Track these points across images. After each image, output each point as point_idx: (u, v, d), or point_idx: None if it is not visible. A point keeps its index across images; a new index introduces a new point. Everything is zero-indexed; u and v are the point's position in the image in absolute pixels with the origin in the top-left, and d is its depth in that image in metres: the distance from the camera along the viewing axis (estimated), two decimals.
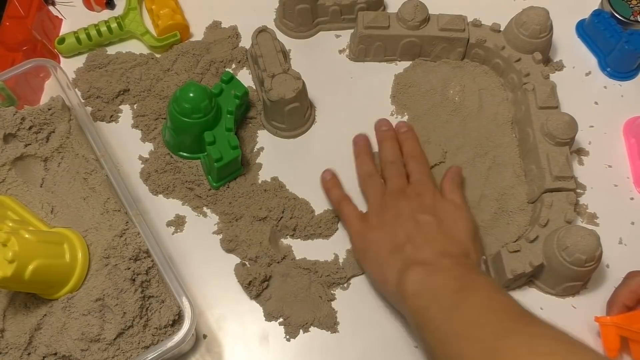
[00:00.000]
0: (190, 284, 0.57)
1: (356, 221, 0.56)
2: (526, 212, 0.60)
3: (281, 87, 0.60)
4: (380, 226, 0.54)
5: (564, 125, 0.59)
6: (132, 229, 0.52)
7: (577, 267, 0.52)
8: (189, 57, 0.68)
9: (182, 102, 0.57)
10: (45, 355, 0.48)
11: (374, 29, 0.66)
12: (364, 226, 0.55)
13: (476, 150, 0.64)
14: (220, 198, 0.60)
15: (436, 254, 0.50)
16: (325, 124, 0.66)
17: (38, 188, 0.56)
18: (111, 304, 0.48)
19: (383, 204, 0.56)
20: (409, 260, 0.50)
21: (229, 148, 0.58)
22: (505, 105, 0.66)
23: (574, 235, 0.52)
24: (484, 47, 0.67)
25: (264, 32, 0.64)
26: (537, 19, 0.64)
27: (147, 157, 0.63)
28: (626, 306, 0.53)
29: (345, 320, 0.56)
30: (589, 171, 0.64)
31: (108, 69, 0.67)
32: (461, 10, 0.67)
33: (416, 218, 0.53)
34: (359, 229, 0.56)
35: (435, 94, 0.67)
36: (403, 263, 0.50)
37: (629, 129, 0.66)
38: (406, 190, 0.56)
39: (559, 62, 0.70)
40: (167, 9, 0.68)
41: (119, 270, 0.49)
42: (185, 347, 0.53)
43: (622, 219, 0.61)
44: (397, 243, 0.52)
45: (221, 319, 0.56)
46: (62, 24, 0.72)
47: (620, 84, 0.69)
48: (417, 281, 0.48)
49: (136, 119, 0.65)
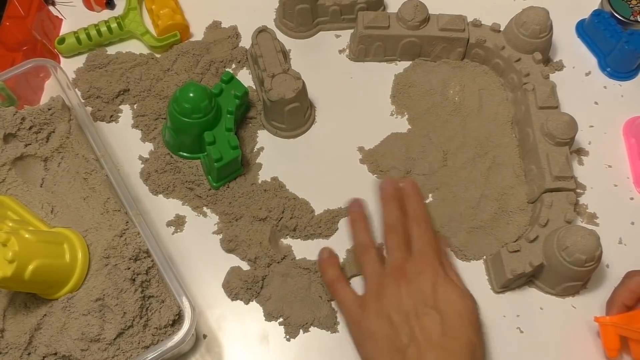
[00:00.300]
0: (190, 284, 0.57)
1: (352, 306, 0.52)
2: (526, 212, 0.60)
3: (281, 87, 0.60)
4: (378, 315, 0.50)
5: (564, 125, 0.59)
6: (132, 229, 0.52)
7: (577, 267, 0.52)
8: (189, 57, 0.68)
9: (182, 102, 0.57)
10: (45, 355, 0.48)
11: (374, 29, 0.66)
12: (361, 314, 0.51)
13: (476, 150, 0.64)
14: (220, 198, 0.60)
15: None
16: (325, 124, 0.66)
17: (38, 188, 0.56)
18: (111, 304, 0.48)
19: (381, 286, 0.51)
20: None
21: (229, 148, 0.58)
22: (505, 105, 0.66)
23: (574, 235, 0.52)
24: (484, 47, 0.67)
25: (264, 32, 0.64)
26: (537, 19, 0.64)
27: (147, 157, 0.63)
28: (625, 306, 0.53)
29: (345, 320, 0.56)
30: (589, 171, 0.64)
31: (108, 69, 0.67)
32: (461, 10, 0.67)
33: (418, 313, 0.49)
34: (356, 316, 0.52)
35: (435, 94, 0.67)
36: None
37: (629, 129, 0.66)
38: (406, 268, 0.51)
39: (559, 62, 0.70)
40: (167, 9, 0.68)
41: (119, 270, 0.49)
42: (185, 347, 0.53)
43: (622, 219, 0.61)
44: (399, 345, 0.48)
45: (221, 319, 0.56)
46: (62, 24, 0.72)
47: (620, 84, 0.70)
48: None
49: (136, 119, 0.65)
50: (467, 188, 0.61)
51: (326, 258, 0.56)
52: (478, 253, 0.59)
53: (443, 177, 0.62)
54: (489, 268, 0.58)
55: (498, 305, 0.57)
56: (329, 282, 0.55)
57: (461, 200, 0.61)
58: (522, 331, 0.55)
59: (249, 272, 0.56)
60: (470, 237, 0.59)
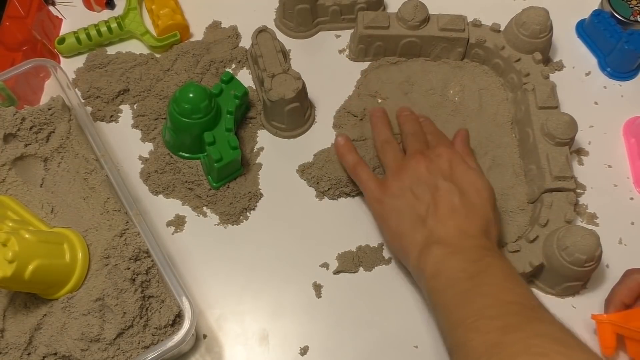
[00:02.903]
0: (190, 284, 0.57)
1: (374, 186, 0.55)
2: (526, 212, 0.60)
3: (281, 87, 0.60)
4: (399, 192, 0.53)
5: (564, 125, 0.59)
6: (132, 229, 0.52)
7: (576, 267, 0.52)
8: (189, 57, 0.68)
9: (182, 102, 0.57)
10: (45, 355, 0.48)
11: (374, 29, 0.66)
12: (382, 192, 0.54)
13: (476, 150, 0.63)
14: (220, 198, 0.60)
15: (458, 232, 0.50)
16: (325, 124, 0.66)
17: (38, 188, 0.56)
18: (111, 304, 0.48)
19: (402, 167, 0.54)
20: (431, 237, 0.50)
21: (228, 148, 0.58)
22: (505, 105, 0.66)
23: (574, 235, 0.52)
24: (484, 47, 0.67)
25: (264, 32, 0.64)
26: (537, 19, 0.64)
27: (147, 157, 0.63)
28: (624, 304, 0.53)
29: (345, 320, 0.56)
30: (589, 171, 0.64)
31: (108, 69, 0.67)
32: (461, 10, 0.67)
33: (437, 184, 0.52)
34: (378, 195, 0.54)
35: (435, 94, 0.67)
36: (424, 239, 0.50)
37: (628, 129, 0.66)
38: (425, 152, 0.55)
39: (559, 62, 0.70)
40: (167, 9, 0.68)
41: (119, 270, 0.49)
42: (185, 347, 0.53)
43: (622, 219, 0.61)
44: (418, 214, 0.51)
45: (221, 319, 0.56)
46: (62, 24, 0.72)
47: (620, 84, 0.70)
48: (437, 262, 0.49)
49: (136, 119, 0.65)
50: None
51: (344, 144, 0.59)
52: None
53: None
54: None
55: None
56: (350, 166, 0.58)
57: None
58: None
59: None
60: None
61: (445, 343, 0.48)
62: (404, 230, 0.52)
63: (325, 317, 0.56)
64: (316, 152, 0.63)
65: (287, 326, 0.56)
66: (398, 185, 0.53)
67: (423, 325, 0.55)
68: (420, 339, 0.55)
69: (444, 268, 0.48)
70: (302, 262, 0.58)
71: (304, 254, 0.59)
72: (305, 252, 0.59)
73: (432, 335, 0.55)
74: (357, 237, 0.59)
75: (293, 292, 0.57)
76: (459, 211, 0.51)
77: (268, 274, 0.58)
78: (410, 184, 0.53)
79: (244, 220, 0.60)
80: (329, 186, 0.60)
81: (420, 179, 0.53)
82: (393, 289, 0.57)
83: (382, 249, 0.59)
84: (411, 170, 0.54)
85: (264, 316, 0.56)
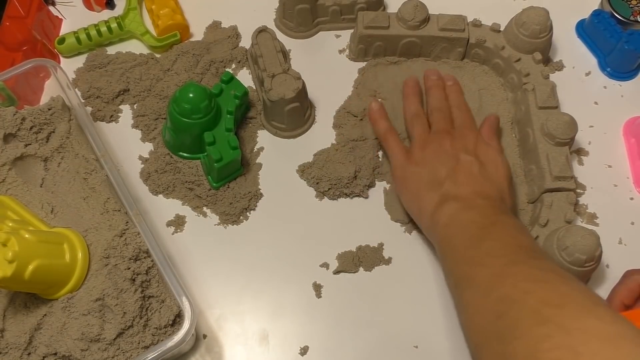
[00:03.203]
0: (190, 284, 0.57)
1: (400, 153, 0.58)
2: (526, 212, 0.60)
3: (281, 87, 0.60)
4: (422, 161, 0.56)
5: (564, 125, 0.59)
6: (132, 229, 0.52)
7: (576, 267, 0.52)
8: (189, 57, 0.68)
9: (182, 102, 0.57)
10: (45, 355, 0.48)
11: (374, 29, 0.66)
12: (406, 158, 0.57)
13: None
14: (220, 198, 0.60)
15: (473, 193, 0.52)
16: (325, 124, 0.66)
17: (38, 188, 0.56)
18: (111, 304, 0.48)
19: (427, 140, 0.58)
20: (447, 195, 0.53)
21: (228, 148, 0.58)
22: (505, 105, 0.66)
23: (574, 235, 0.52)
24: (484, 47, 0.67)
25: (264, 32, 0.64)
26: (537, 19, 0.64)
27: (147, 157, 0.63)
28: (624, 305, 0.53)
29: (345, 320, 0.56)
30: (589, 171, 0.64)
31: (108, 69, 0.67)
32: (461, 10, 0.67)
33: (458, 157, 0.55)
34: (402, 160, 0.58)
35: None
36: (440, 197, 0.53)
37: (629, 129, 0.66)
38: (451, 131, 0.58)
39: (559, 62, 0.70)
40: (167, 9, 0.68)
41: (119, 270, 0.49)
42: (185, 347, 0.53)
43: (622, 219, 0.61)
44: (437, 178, 0.54)
45: (221, 319, 0.56)
46: (62, 24, 0.72)
47: (620, 84, 0.69)
48: (450, 214, 0.51)
49: (136, 119, 0.65)
50: None
51: (377, 110, 0.62)
52: None
53: None
54: None
55: None
56: (381, 133, 0.61)
57: None
58: None
59: None
60: None
61: (449, 281, 0.50)
62: (422, 190, 0.55)
63: (325, 317, 0.56)
64: (316, 152, 0.63)
65: (287, 326, 0.56)
66: (422, 155, 0.57)
67: (423, 325, 0.55)
68: (420, 339, 0.55)
69: (457, 218, 0.51)
70: (302, 262, 0.58)
71: (304, 254, 0.59)
72: (305, 252, 0.59)
73: (432, 335, 0.55)
74: (357, 237, 0.59)
75: (293, 292, 0.57)
76: (477, 178, 0.54)
77: (268, 274, 0.58)
78: (433, 154, 0.56)
79: (244, 220, 0.60)
80: (329, 186, 0.60)
81: (443, 151, 0.56)
82: (393, 289, 0.57)
83: (382, 249, 0.59)
84: (436, 144, 0.57)
85: (264, 316, 0.56)
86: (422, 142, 0.58)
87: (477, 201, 0.52)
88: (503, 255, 0.46)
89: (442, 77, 0.65)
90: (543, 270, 0.43)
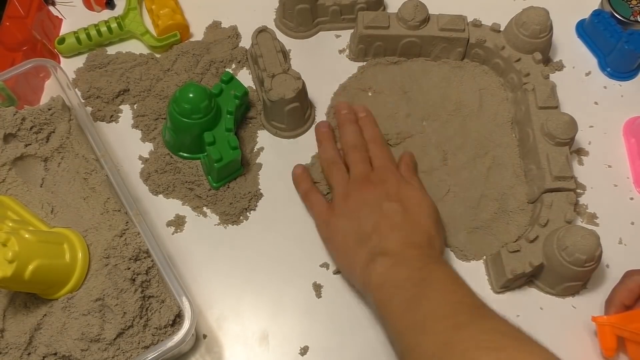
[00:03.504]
0: (190, 284, 0.57)
1: (322, 209, 0.57)
2: (526, 212, 0.60)
3: (281, 87, 0.60)
4: (345, 214, 0.55)
5: (564, 125, 0.59)
6: (132, 229, 0.52)
7: (577, 267, 0.52)
8: (189, 57, 0.68)
9: (182, 102, 0.57)
10: (45, 355, 0.48)
11: (374, 29, 0.66)
12: (330, 214, 0.56)
13: (476, 150, 0.64)
14: (220, 198, 0.60)
15: (402, 244, 0.51)
16: None
17: (38, 188, 0.56)
18: (111, 304, 0.48)
19: (347, 192, 0.56)
20: (375, 251, 0.51)
21: (228, 148, 0.58)
22: (505, 105, 0.66)
23: (574, 235, 0.52)
24: (484, 47, 0.67)
25: (264, 32, 0.64)
26: (537, 19, 0.64)
27: (147, 157, 0.63)
28: (624, 305, 0.53)
29: (345, 319, 0.56)
30: (589, 171, 0.64)
31: (108, 69, 0.67)
32: (461, 10, 0.67)
33: (382, 206, 0.54)
34: (325, 217, 0.56)
35: (435, 93, 0.67)
36: (369, 253, 0.51)
37: (629, 129, 0.66)
38: (370, 177, 0.56)
39: (559, 62, 0.70)
40: (167, 9, 0.68)
41: (119, 270, 0.49)
42: (185, 347, 0.53)
43: (622, 219, 0.61)
44: (364, 233, 0.53)
45: (221, 319, 0.56)
46: (62, 24, 0.72)
47: (620, 84, 0.70)
48: (382, 273, 0.49)
49: (136, 119, 0.65)
50: (467, 188, 0.61)
51: (300, 173, 0.61)
52: (478, 253, 0.59)
53: (443, 176, 0.62)
54: (488, 268, 0.58)
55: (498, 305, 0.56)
56: (303, 193, 0.60)
57: (461, 200, 0.61)
58: None
59: None
60: (470, 237, 0.59)
61: (395, 350, 0.48)
62: (349, 247, 0.53)
63: (325, 317, 0.56)
64: (315, 154, 0.63)
65: (287, 326, 0.56)
66: (344, 208, 0.55)
67: None
68: None
69: (389, 278, 0.49)
70: (302, 262, 0.58)
71: (304, 254, 0.59)
72: (305, 252, 0.59)
73: None
74: None
75: (293, 292, 0.57)
76: (402, 227, 0.52)
77: (268, 274, 0.58)
78: (354, 206, 0.54)
79: (244, 220, 0.60)
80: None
81: (365, 202, 0.54)
82: None
83: None
84: (357, 194, 0.55)
85: (264, 316, 0.56)
86: (343, 193, 0.56)
87: (406, 253, 0.50)
88: (445, 317, 0.43)
89: (353, 110, 0.63)
90: (494, 333, 0.41)
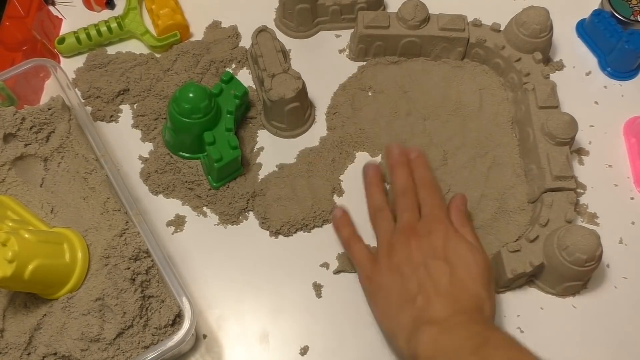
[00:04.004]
0: (190, 284, 0.57)
1: (366, 263, 0.54)
2: (526, 212, 0.60)
3: (281, 87, 0.60)
4: (389, 270, 0.52)
5: (564, 125, 0.59)
6: (132, 228, 0.52)
7: (577, 267, 0.52)
8: (189, 57, 0.68)
9: (182, 102, 0.57)
10: (45, 355, 0.48)
11: (374, 29, 0.66)
12: (373, 269, 0.53)
13: (476, 150, 0.64)
14: (220, 198, 0.60)
15: (448, 310, 0.47)
16: (325, 124, 0.66)
17: (38, 188, 0.56)
18: (111, 304, 0.48)
19: (393, 244, 0.53)
20: (420, 318, 0.48)
21: (228, 148, 0.58)
22: (505, 105, 0.66)
23: (574, 235, 0.52)
24: (484, 47, 0.67)
25: (264, 32, 0.64)
26: (537, 19, 0.64)
27: (147, 157, 0.63)
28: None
29: (345, 319, 0.56)
30: (589, 171, 0.64)
31: (108, 68, 0.67)
32: (461, 10, 0.67)
33: (427, 264, 0.50)
34: (369, 272, 0.53)
35: (435, 93, 0.67)
36: (413, 320, 0.48)
37: (629, 128, 0.66)
38: (417, 227, 0.53)
39: (559, 62, 0.70)
40: (167, 9, 0.68)
41: (118, 270, 0.49)
42: (185, 347, 0.53)
43: (622, 219, 0.61)
44: (408, 294, 0.49)
45: (221, 319, 0.56)
46: (62, 24, 0.72)
47: (620, 83, 0.69)
48: (430, 343, 0.46)
49: (136, 119, 0.65)
50: (467, 188, 0.61)
51: (340, 217, 0.58)
52: None
53: (443, 176, 0.62)
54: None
55: (498, 305, 0.57)
56: (344, 240, 0.57)
57: None
58: (522, 331, 0.55)
59: None
60: None
61: None
62: (392, 310, 0.50)
63: (325, 317, 0.56)
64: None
65: (287, 326, 0.56)
66: (387, 263, 0.52)
67: None
68: None
69: (440, 348, 0.45)
70: (302, 262, 0.58)
71: (304, 254, 0.58)
72: (305, 252, 0.59)
73: None
74: None
75: (293, 292, 0.57)
76: (449, 291, 0.49)
77: (268, 273, 0.58)
78: (399, 262, 0.51)
79: (244, 220, 0.60)
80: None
81: (410, 257, 0.51)
82: None
83: None
84: (401, 248, 0.52)
85: (264, 316, 0.56)
86: (387, 247, 0.53)
87: (454, 319, 0.47)
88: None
89: (405, 152, 0.59)
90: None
